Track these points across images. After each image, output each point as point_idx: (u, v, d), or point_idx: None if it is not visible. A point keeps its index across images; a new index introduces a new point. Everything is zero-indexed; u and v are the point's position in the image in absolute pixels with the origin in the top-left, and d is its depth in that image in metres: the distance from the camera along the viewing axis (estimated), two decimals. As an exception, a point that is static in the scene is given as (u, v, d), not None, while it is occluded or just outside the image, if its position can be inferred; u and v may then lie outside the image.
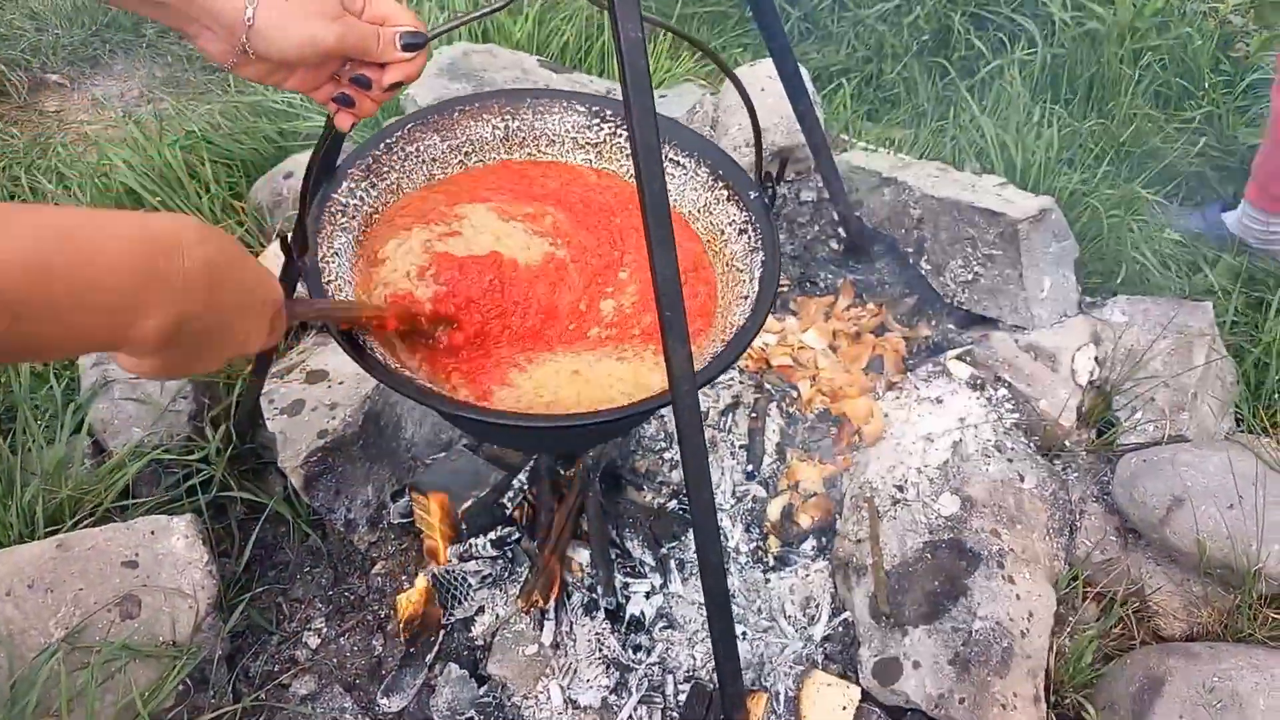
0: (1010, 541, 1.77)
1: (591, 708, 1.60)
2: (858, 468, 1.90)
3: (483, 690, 1.63)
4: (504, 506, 1.78)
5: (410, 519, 1.86)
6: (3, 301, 0.63)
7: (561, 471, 1.81)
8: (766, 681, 1.64)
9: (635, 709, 1.59)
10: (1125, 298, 2.11)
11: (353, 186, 1.43)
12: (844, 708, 1.60)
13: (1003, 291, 2.12)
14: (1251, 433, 2.01)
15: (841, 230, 2.32)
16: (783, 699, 1.62)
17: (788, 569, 1.80)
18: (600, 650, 1.65)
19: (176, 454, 1.88)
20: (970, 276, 2.14)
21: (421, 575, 1.75)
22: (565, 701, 1.60)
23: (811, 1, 3.22)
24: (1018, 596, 1.70)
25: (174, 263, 0.75)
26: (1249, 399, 2.07)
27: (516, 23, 2.71)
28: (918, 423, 1.93)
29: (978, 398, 1.97)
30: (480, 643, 1.69)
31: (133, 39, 3.15)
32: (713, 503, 1.10)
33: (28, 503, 1.72)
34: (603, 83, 2.52)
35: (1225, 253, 2.40)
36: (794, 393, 2.01)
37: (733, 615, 1.30)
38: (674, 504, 1.83)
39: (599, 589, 1.69)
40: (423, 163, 1.51)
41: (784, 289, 2.28)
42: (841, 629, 1.73)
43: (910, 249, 2.21)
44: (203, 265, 0.78)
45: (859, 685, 1.63)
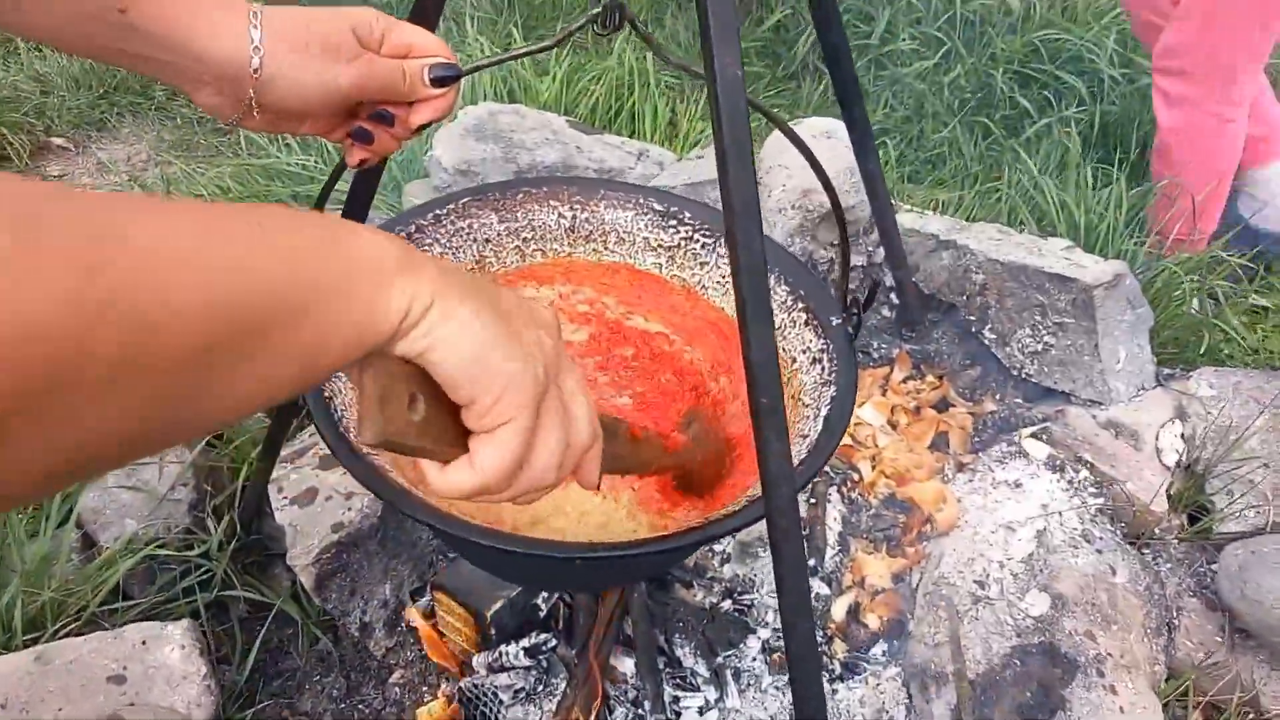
0: (1107, 645, 1.57)
1: (642, 846, 1.39)
2: (931, 560, 1.71)
3: (517, 825, 1.42)
4: (538, 608, 1.59)
5: (433, 620, 1.66)
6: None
7: (602, 567, 1.62)
8: (841, 813, 1.44)
9: None
10: (1212, 369, 1.94)
11: None
12: (933, 846, 1.39)
13: (1076, 363, 1.95)
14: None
15: (894, 296, 2.16)
16: (862, 835, 1.41)
17: (856, 678, 1.60)
18: (651, 777, 1.44)
19: (175, 548, 1.70)
20: (1040, 347, 1.97)
21: (445, 686, 1.55)
22: (612, 839, 1.40)
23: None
24: (1121, 709, 1.50)
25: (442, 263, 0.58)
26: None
27: (544, 82, 2.59)
28: (995, 509, 1.74)
29: (1058, 480, 1.79)
30: (513, 767, 1.49)
31: (141, 101, 3.04)
32: (814, 639, 0.92)
33: (4, 606, 1.53)
34: (635, 144, 2.38)
35: None
36: (855, 475, 1.83)
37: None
38: (728, 604, 1.63)
39: (646, 704, 1.49)
40: (473, 241, 1.36)
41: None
42: (922, 749, 1.53)
43: (973, 316, 2.04)
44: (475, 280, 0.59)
45: (948, 818, 1.43)
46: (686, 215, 1.38)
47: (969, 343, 2.08)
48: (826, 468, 1.83)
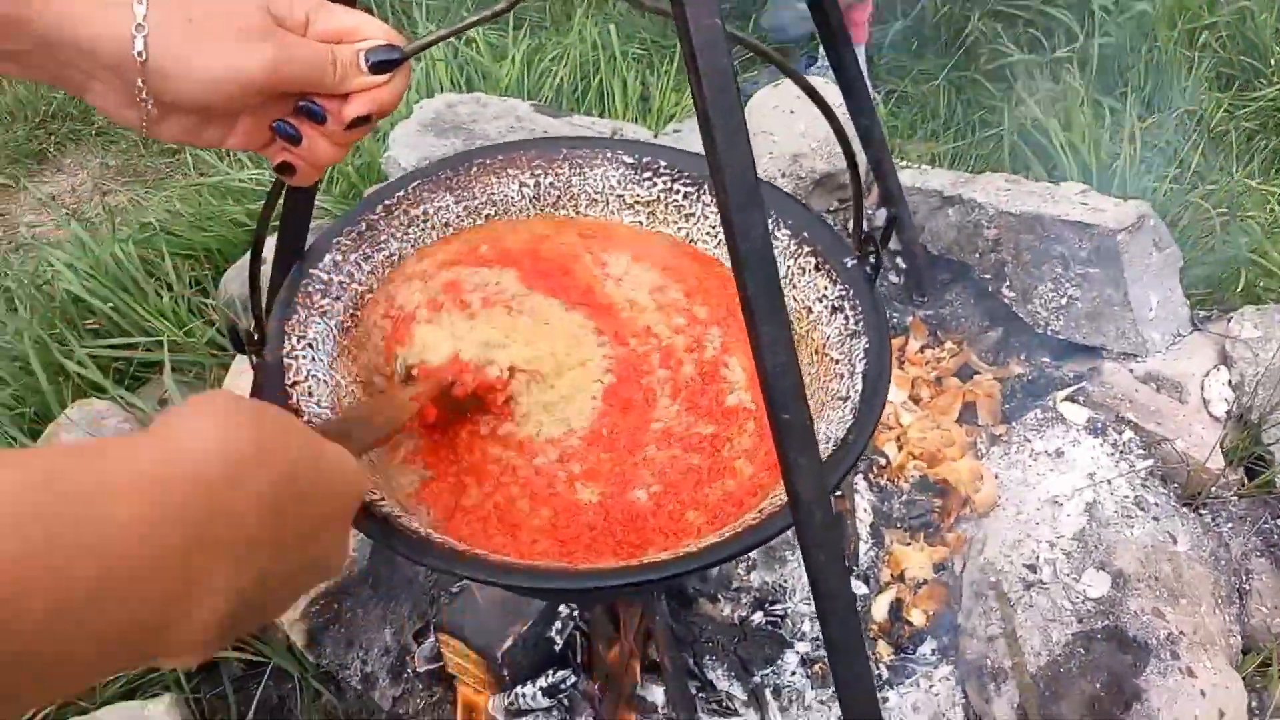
0: (1178, 622, 1.43)
1: None
2: (974, 545, 1.57)
3: None
4: (552, 641, 1.45)
5: (440, 663, 1.52)
6: None
7: (619, 590, 1.48)
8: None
9: None
10: (1253, 308, 1.79)
11: (339, 260, 1.13)
12: None
13: (1105, 314, 1.81)
14: None
15: (901, 261, 2.01)
16: None
17: (907, 681, 1.47)
18: (695, 820, 1.31)
19: (150, 611, 1.55)
20: (1064, 300, 1.83)
21: (461, 736, 1.42)
22: None
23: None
24: (1203, 693, 1.36)
25: (227, 505, 0.46)
26: None
27: (503, 67, 2.42)
28: (1038, 483, 1.60)
29: (1102, 445, 1.65)
30: (542, 821, 1.35)
31: (81, 127, 2.85)
32: (870, 675, 0.77)
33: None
34: (607, 123, 2.22)
35: None
36: (881, 459, 1.69)
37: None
38: (759, 617, 1.49)
39: (682, 736, 1.35)
40: (432, 229, 1.21)
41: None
42: (988, 756, 1.39)
43: (988, 275, 1.90)
44: (268, 490, 0.49)
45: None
46: (662, 164, 1.22)
47: (987, 303, 1.94)
48: (850, 454, 1.68)
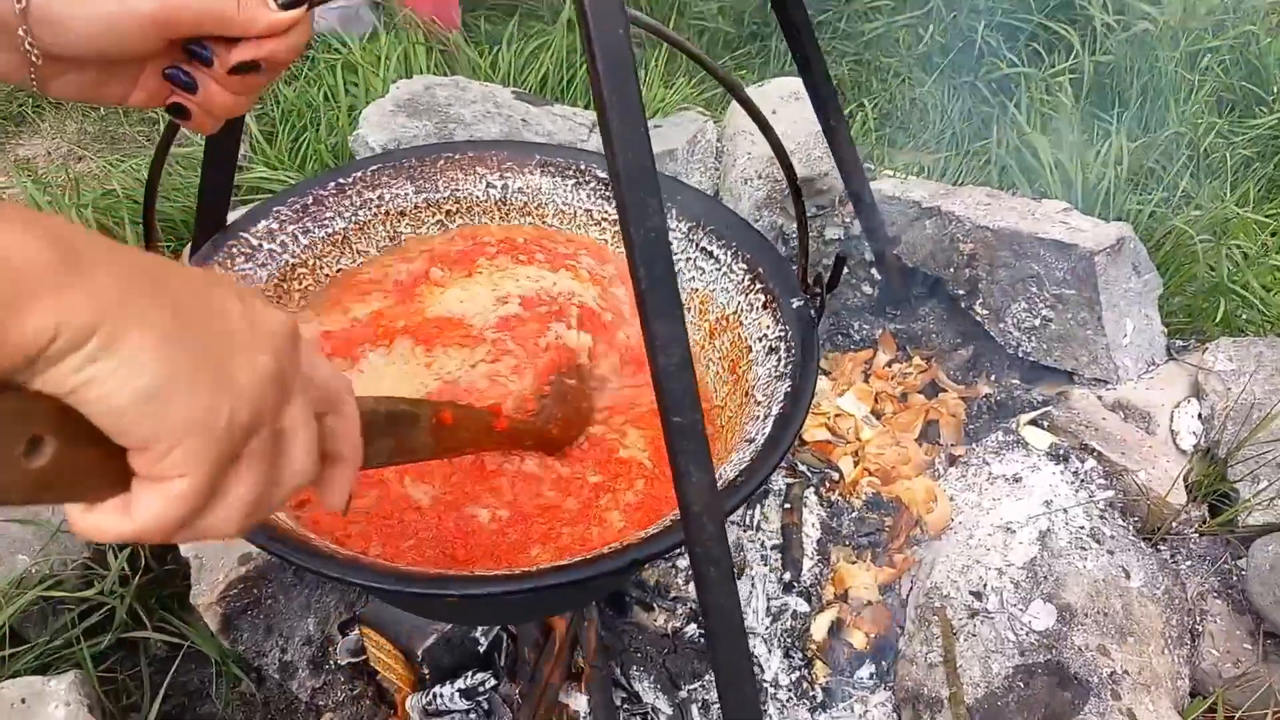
0: (1123, 660, 1.38)
1: None
2: (921, 568, 1.52)
3: None
4: (476, 642, 1.40)
5: (363, 657, 1.48)
6: None
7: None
8: None
9: None
10: (1230, 340, 1.74)
11: (274, 228, 1.10)
12: None
13: (1077, 338, 1.75)
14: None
15: (875, 271, 1.96)
16: None
17: (840, 705, 1.42)
18: (606, 836, 1.26)
19: (71, 586, 1.51)
20: (1037, 321, 1.78)
21: (377, 733, 1.37)
22: None
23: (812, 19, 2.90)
24: (1142, 736, 1.31)
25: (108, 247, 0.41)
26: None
27: (486, 53, 2.38)
28: (992, 508, 1.55)
29: (1062, 472, 1.60)
30: (450, 827, 1.31)
31: (65, 92, 2.81)
32: (757, 702, 0.73)
33: None
34: (588, 115, 2.18)
35: None
36: (835, 475, 1.64)
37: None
38: (693, 629, 1.44)
39: (601, 748, 1.31)
40: (384, 214, 1.17)
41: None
42: (917, 787, 1.34)
43: (962, 290, 1.84)
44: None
45: None
46: None
47: (959, 320, 1.89)
48: (803, 467, 1.64)
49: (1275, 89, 2.45)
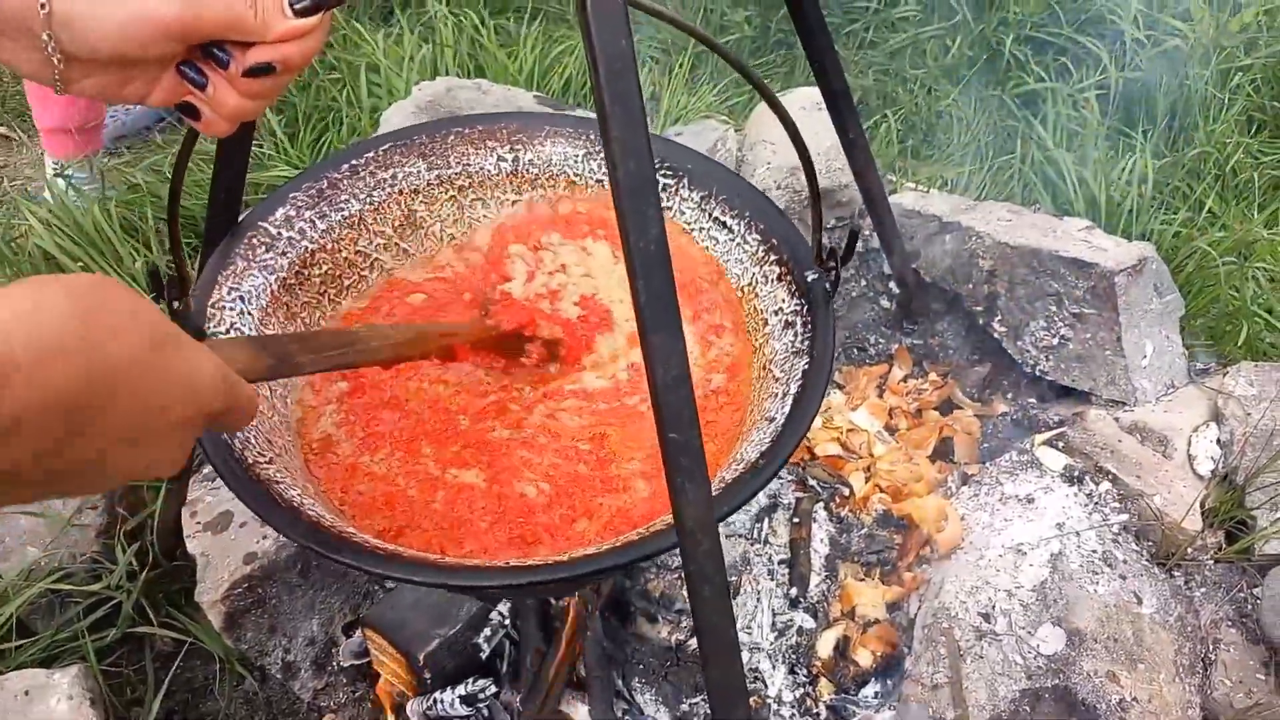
0: (1133, 687, 1.36)
1: None
2: (930, 588, 1.51)
3: None
4: (479, 648, 1.40)
5: (367, 659, 1.48)
6: None
7: (553, 601, 1.43)
8: None
9: None
10: (1252, 364, 1.71)
11: (291, 215, 1.11)
12: None
13: (1096, 358, 1.73)
14: None
15: (894, 285, 1.94)
16: None
17: (844, 724, 1.41)
18: None
19: (79, 580, 1.52)
20: (1055, 340, 1.76)
21: (378, 736, 1.37)
22: None
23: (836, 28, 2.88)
24: (1150, 766, 1.29)
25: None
26: None
27: (513, 57, 2.38)
28: (1004, 529, 1.53)
29: (1076, 494, 1.57)
30: (447, 834, 1.31)
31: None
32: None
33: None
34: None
35: None
36: (845, 490, 1.62)
37: None
38: (695, 642, 1.43)
39: (600, 760, 1.30)
40: (398, 193, 1.18)
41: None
42: (918, 810, 1.33)
43: (980, 307, 1.83)
44: (53, 395, 0.47)
45: None
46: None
47: (976, 337, 1.87)
48: (813, 482, 1.62)
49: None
